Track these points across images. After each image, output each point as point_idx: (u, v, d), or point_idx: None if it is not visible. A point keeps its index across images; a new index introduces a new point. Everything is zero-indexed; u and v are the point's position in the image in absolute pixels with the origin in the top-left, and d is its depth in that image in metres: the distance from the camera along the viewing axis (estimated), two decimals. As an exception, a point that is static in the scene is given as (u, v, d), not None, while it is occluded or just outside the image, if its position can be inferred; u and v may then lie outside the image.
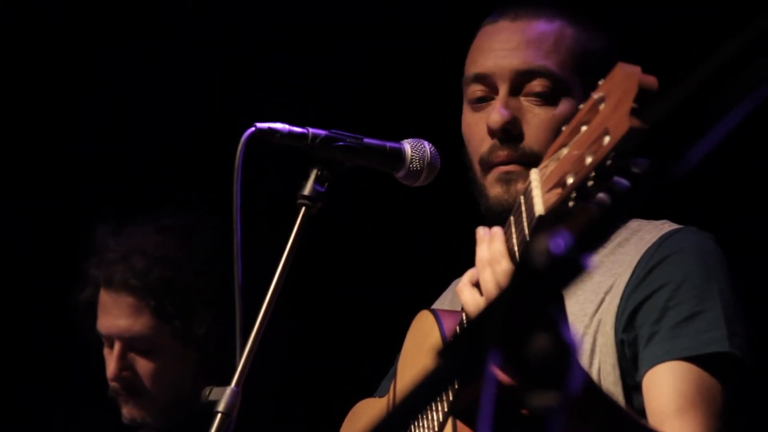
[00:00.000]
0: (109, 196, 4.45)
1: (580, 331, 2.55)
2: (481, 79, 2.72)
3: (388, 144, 2.68)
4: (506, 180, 2.67)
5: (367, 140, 2.65)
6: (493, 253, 2.17)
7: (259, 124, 2.59)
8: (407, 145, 2.69)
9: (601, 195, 1.87)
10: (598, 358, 2.55)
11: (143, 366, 3.69)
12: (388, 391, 2.86)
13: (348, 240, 4.26)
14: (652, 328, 2.50)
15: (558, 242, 1.66)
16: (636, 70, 1.83)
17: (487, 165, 2.69)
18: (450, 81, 2.87)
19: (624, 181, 1.81)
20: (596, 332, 2.56)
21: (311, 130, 2.61)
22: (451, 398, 2.42)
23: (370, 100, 4.23)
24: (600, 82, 1.90)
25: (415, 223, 4.16)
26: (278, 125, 2.60)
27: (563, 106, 2.68)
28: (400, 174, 2.69)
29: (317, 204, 2.58)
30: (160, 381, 3.69)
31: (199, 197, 4.10)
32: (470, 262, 2.53)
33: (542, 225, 1.99)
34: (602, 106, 1.87)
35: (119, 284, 3.67)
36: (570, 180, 1.93)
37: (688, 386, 2.44)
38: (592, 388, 2.21)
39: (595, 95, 1.89)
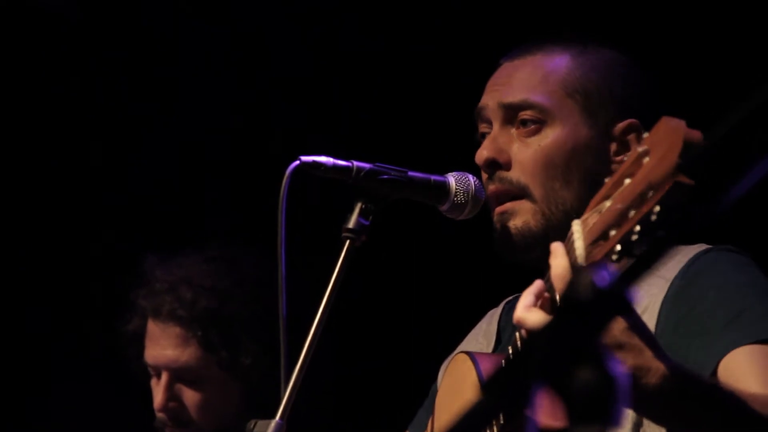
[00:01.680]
0: (158, 228, 4.48)
1: None
2: (480, 115, 2.77)
3: (433, 177, 2.68)
4: (501, 220, 2.70)
5: (411, 173, 2.66)
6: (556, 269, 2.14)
7: (304, 158, 2.60)
8: (452, 179, 2.69)
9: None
10: None
11: (190, 396, 3.71)
12: (424, 428, 2.86)
13: (392, 272, 4.26)
14: (704, 332, 2.48)
15: (603, 275, 1.66)
16: (681, 124, 1.82)
17: (489, 205, 2.72)
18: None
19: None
20: None
21: (356, 163, 2.62)
22: None
23: (415, 133, 4.24)
24: (644, 135, 1.89)
25: (459, 255, 4.16)
26: (322, 158, 2.61)
27: (553, 135, 2.69)
28: (444, 207, 2.69)
29: (361, 237, 2.59)
30: (206, 412, 3.70)
31: (245, 230, 4.12)
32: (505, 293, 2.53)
33: None
34: (646, 160, 1.86)
35: (167, 315, 3.69)
36: (613, 233, 1.92)
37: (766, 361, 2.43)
38: (677, 376, 2.17)
39: (639, 148, 1.89)
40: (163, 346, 3.71)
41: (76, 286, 4.63)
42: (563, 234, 2.61)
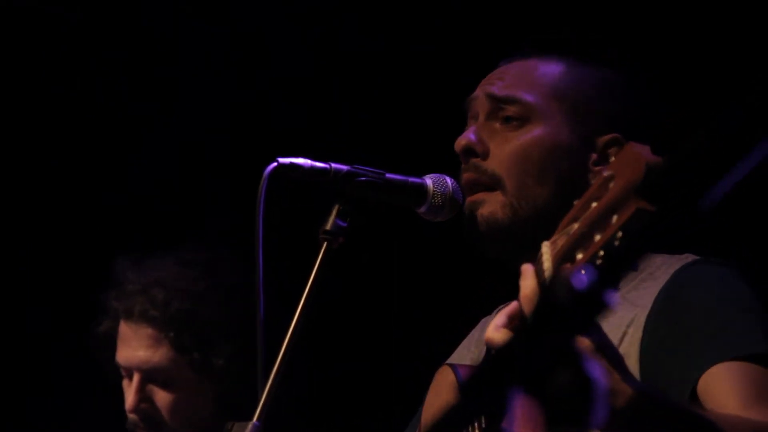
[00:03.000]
0: (158, 228, 4.47)
1: None
2: (470, 106, 2.80)
3: (410, 179, 2.68)
4: (470, 208, 2.71)
5: (389, 175, 2.66)
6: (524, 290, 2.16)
7: (281, 159, 2.60)
8: (429, 180, 2.69)
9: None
10: None
11: (162, 398, 3.69)
12: None
13: (372, 275, 4.26)
14: (687, 347, 2.49)
15: (580, 278, 1.67)
16: (645, 150, 1.84)
17: (462, 194, 2.74)
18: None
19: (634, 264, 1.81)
20: None
21: (333, 165, 2.62)
22: None
23: (392, 136, 4.24)
24: (611, 160, 1.92)
25: (439, 256, 4.16)
26: (300, 160, 2.61)
27: (534, 132, 2.71)
28: (422, 209, 2.69)
29: (339, 239, 2.59)
30: (179, 413, 3.69)
31: (221, 232, 4.11)
32: (497, 297, 2.53)
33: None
34: (611, 185, 1.89)
35: (139, 316, 3.69)
36: (579, 255, 1.94)
37: (747, 382, 2.43)
38: (644, 399, 2.17)
39: (606, 173, 1.91)
40: (135, 347, 3.70)
41: (76, 286, 4.61)
42: (530, 230, 2.63)
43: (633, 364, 2.53)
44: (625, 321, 2.56)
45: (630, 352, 2.54)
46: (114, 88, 4.66)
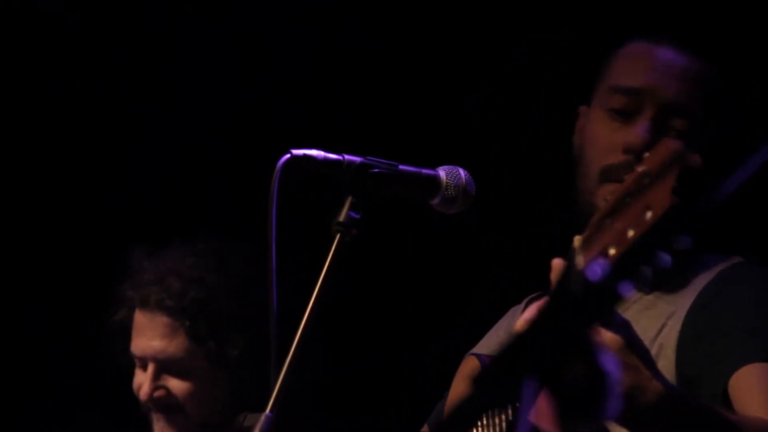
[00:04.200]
0: (158, 228, 4.47)
1: None
2: (631, 93, 2.71)
3: (423, 171, 2.68)
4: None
5: (402, 167, 2.66)
6: None
7: (295, 151, 2.59)
8: (442, 172, 2.69)
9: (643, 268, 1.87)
10: None
11: (177, 387, 3.69)
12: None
13: (383, 268, 4.26)
14: (727, 342, 2.49)
15: (595, 270, 1.67)
16: (680, 146, 1.84)
17: (608, 177, 2.67)
18: (484, 110, 2.88)
19: (667, 257, 1.82)
20: (657, 356, 2.55)
21: (346, 156, 2.62)
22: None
23: (405, 128, 4.24)
24: (645, 155, 1.91)
25: (453, 250, 4.16)
26: (313, 152, 2.60)
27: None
28: (434, 201, 2.69)
29: (352, 231, 2.58)
30: (193, 402, 3.69)
31: (234, 224, 4.11)
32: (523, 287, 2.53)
33: None
34: (646, 180, 1.89)
35: (154, 305, 3.69)
36: (612, 251, 1.94)
37: None
38: (673, 398, 2.18)
39: (640, 168, 1.90)
40: (150, 336, 3.70)
41: (76, 286, 4.62)
42: None
43: (670, 355, 2.54)
44: (666, 313, 2.58)
45: (668, 343, 2.55)
46: (114, 87, 4.66)
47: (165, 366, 3.69)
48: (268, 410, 2.47)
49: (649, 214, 1.84)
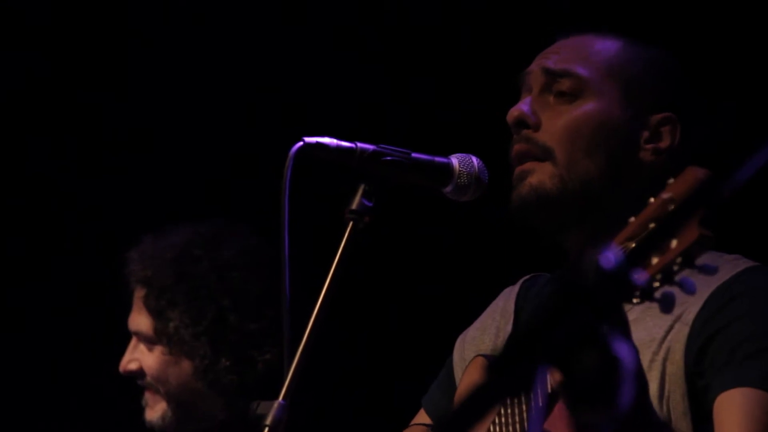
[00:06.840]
0: (158, 228, 4.47)
1: (647, 357, 2.53)
2: (524, 80, 2.81)
3: (436, 158, 2.68)
4: (519, 177, 2.73)
5: (414, 155, 2.66)
6: None
7: (307, 139, 2.59)
8: (455, 160, 2.69)
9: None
10: (668, 387, 2.53)
11: (144, 360, 3.71)
12: (438, 402, 2.92)
13: (398, 253, 4.26)
14: (726, 358, 2.48)
15: (608, 257, 1.66)
16: (707, 175, 1.83)
17: (512, 165, 2.75)
18: (498, 100, 2.88)
19: (690, 281, 1.81)
20: (665, 360, 2.55)
21: (359, 144, 2.61)
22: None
23: (418, 116, 4.24)
24: (669, 182, 1.90)
25: (464, 238, 4.16)
26: (326, 140, 2.60)
27: (587, 107, 2.72)
28: (447, 189, 2.69)
29: (365, 218, 2.58)
30: (158, 378, 3.70)
31: (248, 212, 4.11)
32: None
33: None
34: (671, 207, 1.88)
35: (136, 281, 3.71)
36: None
37: (760, 413, 2.42)
38: (642, 406, 2.18)
39: (665, 195, 1.90)
40: (134, 310, 3.73)
41: (76, 285, 4.62)
42: (577, 203, 2.64)
43: (678, 359, 2.52)
44: (672, 315, 2.55)
45: (675, 347, 2.53)
46: (111, 87, 4.65)
47: (139, 339, 3.72)
48: (281, 398, 2.47)
49: (674, 243, 1.84)
